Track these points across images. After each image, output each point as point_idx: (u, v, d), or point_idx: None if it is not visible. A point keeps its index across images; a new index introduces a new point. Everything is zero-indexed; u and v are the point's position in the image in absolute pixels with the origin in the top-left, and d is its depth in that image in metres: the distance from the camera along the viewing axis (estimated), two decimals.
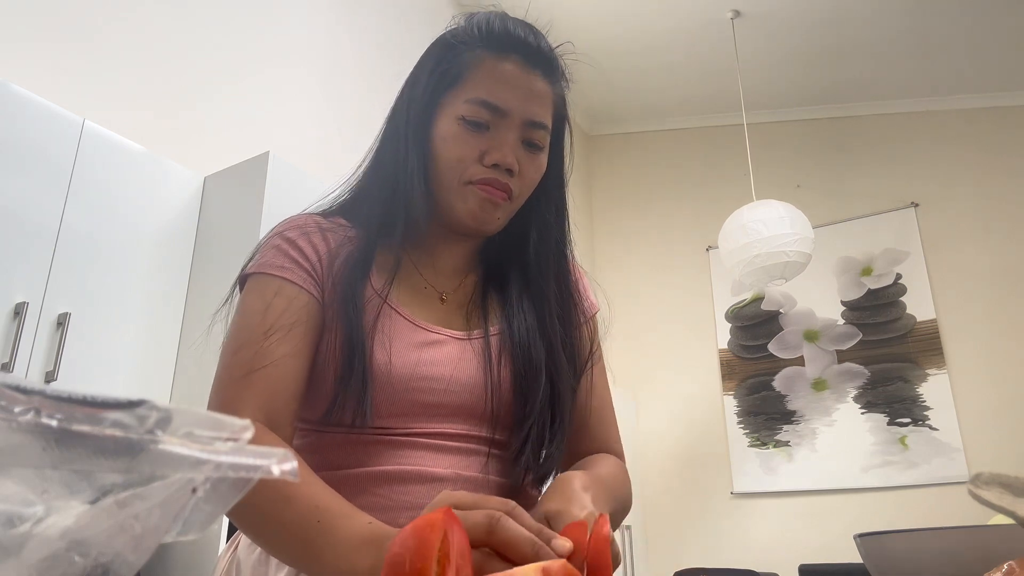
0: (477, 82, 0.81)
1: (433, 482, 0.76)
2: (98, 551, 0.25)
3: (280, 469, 0.28)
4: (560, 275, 0.90)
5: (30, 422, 0.22)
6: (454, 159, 0.81)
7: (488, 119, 0.80)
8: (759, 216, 3.23)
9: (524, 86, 0.81)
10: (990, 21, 3.70)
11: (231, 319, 0.80)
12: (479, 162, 0.81)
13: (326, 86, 3.12)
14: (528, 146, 0.83)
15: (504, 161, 0.80)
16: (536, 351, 0.84)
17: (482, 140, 0.81)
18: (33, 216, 1.79)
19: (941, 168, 4.14)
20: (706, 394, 4.41)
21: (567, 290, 0.90)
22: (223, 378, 0.74)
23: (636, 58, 4.40)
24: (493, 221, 0.83)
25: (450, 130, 0.81)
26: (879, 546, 0.66)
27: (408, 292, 0.85)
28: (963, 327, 3.85)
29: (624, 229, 5.00)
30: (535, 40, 0.84)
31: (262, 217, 2.13)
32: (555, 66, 0.86)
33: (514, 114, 0.81)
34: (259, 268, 0.80)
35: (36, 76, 2.06)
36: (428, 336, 0.81)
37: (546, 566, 0.43)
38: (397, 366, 0.77)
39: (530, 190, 0.86)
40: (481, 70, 0.81)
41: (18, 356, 1.70)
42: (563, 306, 0.89)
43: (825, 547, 3.60)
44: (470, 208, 0.82)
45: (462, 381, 0.80)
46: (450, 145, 0.81)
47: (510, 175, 0.81)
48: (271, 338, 0.74)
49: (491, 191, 0.81)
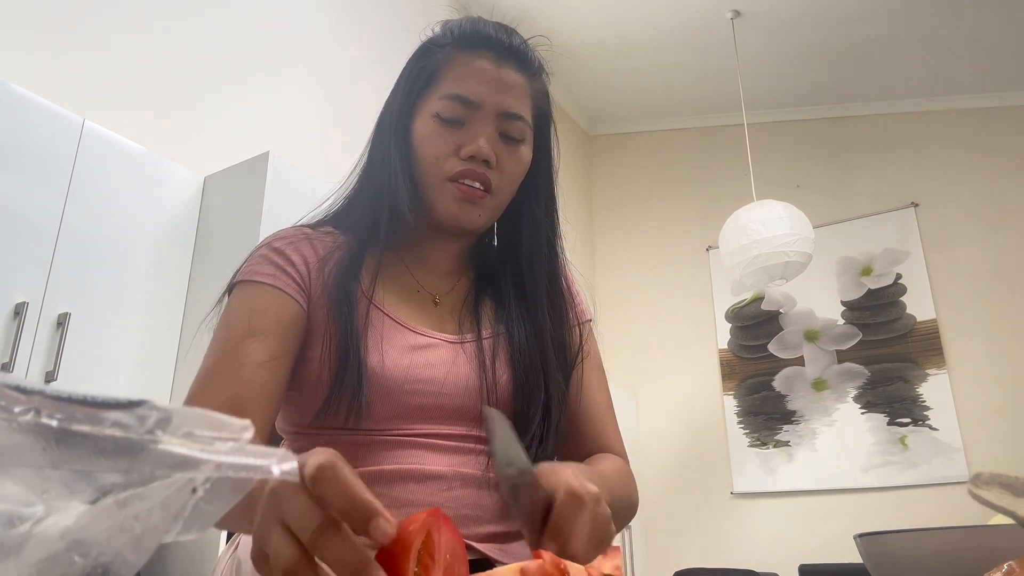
0: (450, 79, 0.83)
1: (432, 480, 0.76)
2: (98, 551, 0.25)
3: (280, 469, 0.28)
4: (551, 272, 0.90)
5: (30, 422, 0.22)
6: (432, 156, 0.82)
7: (462, 114, 0.82)
8: (759, 216, 3.23)
9: (496, 79, 0.82)
10: (990, 21, 3.70)
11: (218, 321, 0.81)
12: (456, 156, 0.81)
13: (326, 86, 3.12)
14: (506, 139, 0.83)
15: (479, 152, 0.80)
16: (533, 353, 0.84)
17: (458, 135, 0.82)
18: (33, 216, 1.79)
19: (941, 168, 4.14)
20: (706, 394, 4.41)
21: (558, 287, 0.91)
22: (196, 380, 0.75)
23: (636, 58, 4.40)
24: (474, 219, 0.83)
25: (427, 128, 0.83)
26: (879, 546, 0.66)
27: (401, 295, 0.86)
28: (963, 327, 3.85)
29: (624, 229, 5.00)
30: (506, 36, 0.85)
31: (262, 217, 2.13)
32: (529, 60, 0.86)
33: (487, 106, 0.81)
34: (246, 276, 0.81)
35: (36, 76, 2.06)
36: (420, 339, 0.82)
37: (524, 566, 0.43)
38: (389, 368, 0.78)
39: (513, 185, 0.86)
40: (454, 68, 0.83)
41: (18, 356, 1.70)
42: (554, 303, 0.89)
43: (825, 547, 3.60)
44: (449, 207, 0.82)
45: (456, 384, 0.80)
46: (428, 143, 0.82)
47: (488, 166, 0.81)
48: (248, 342, 0.75)
49: (467, 190, 0.81)
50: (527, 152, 0.86)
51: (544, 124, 0.90)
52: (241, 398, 0.73)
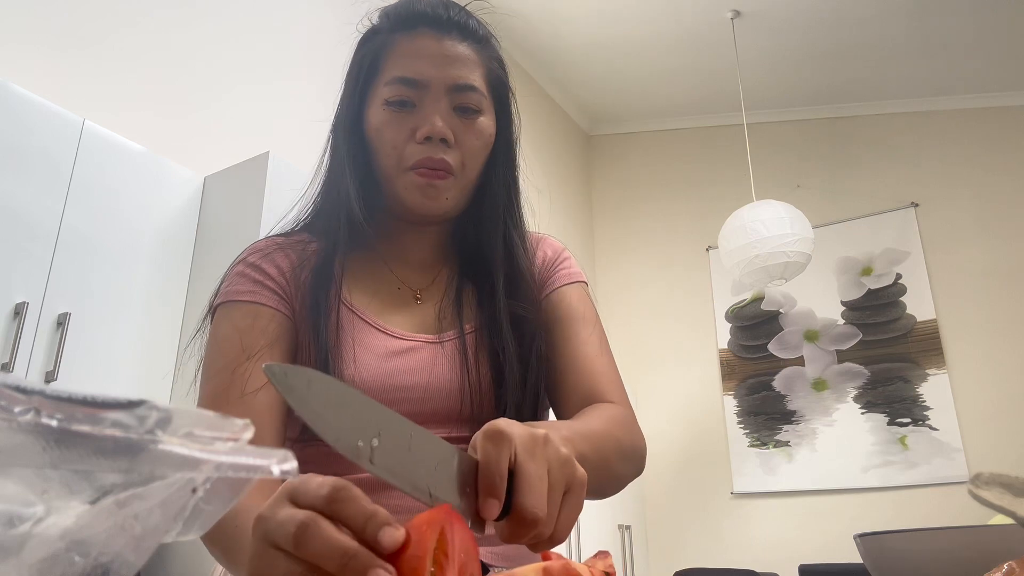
0: (393, 63, 0.80)
1: None
2: (98, 551, 0.25)
3: (280, 469, 0.28)
4: (510, 248, 0.85)
5: (30, 422, 0.22)
6: (388, 145, 0.80)
7: (411, 95, 0.79)
8: (759, 216, 3.23)
9: (438, 53, 0.79)
10: (990, 21, 3.70)
11: (204, 350, 0.80)
12: (412, 140, 0.79)
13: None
14: (461, 112, 0.80)
15: (435, 131, 0.77)
16: (506, 341, 0.81)
17: (410, 118, 0.79)
18: (33, 216, 1.79)
19: (941, 168, 4.14)
20: (706, 394, 4.41)
21: (516, 264, 0.85)
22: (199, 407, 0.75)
23: (636, 58, 4.40)
24: (442, 203, 0.81)
25: (378, 117, 0.80)
26: (879, 546, 0.66)
27: (380, 296, 0.84)
28: (963, 327, 3.85)
29: (624, 229, 5.00)
30: (443, 10, 0.82)
31: (262, 217, 2.13)
32: (470, 28, 0.83)
33: (434, 83, 0.79)
34: (227, 297, 0.80)
35: (36, 76, 2.06)
36: (400, 344, 0.80)
37: (547, 566, 0.42)
38: (366, 377, 0.76)
39: (477, 159, 0.82)
40: (395, 51, 0.81)
41: (18, 356, 1.70)
42: (512, 281, 0.84)
43: (825, 547, 3.60)
44: (413, 195, 0.80)
45: (438, 387, 0.79)
46: (382, 133, 0.80)
47: (446, 145, 0.79)
48: (246, 365, 0.74)
49: (427, 173, 0.79)
50: (487, 122, 0.82)
51: (501, 91, 0.86)
52: (252, 424, 0.72)
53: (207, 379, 0.76)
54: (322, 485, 0.39)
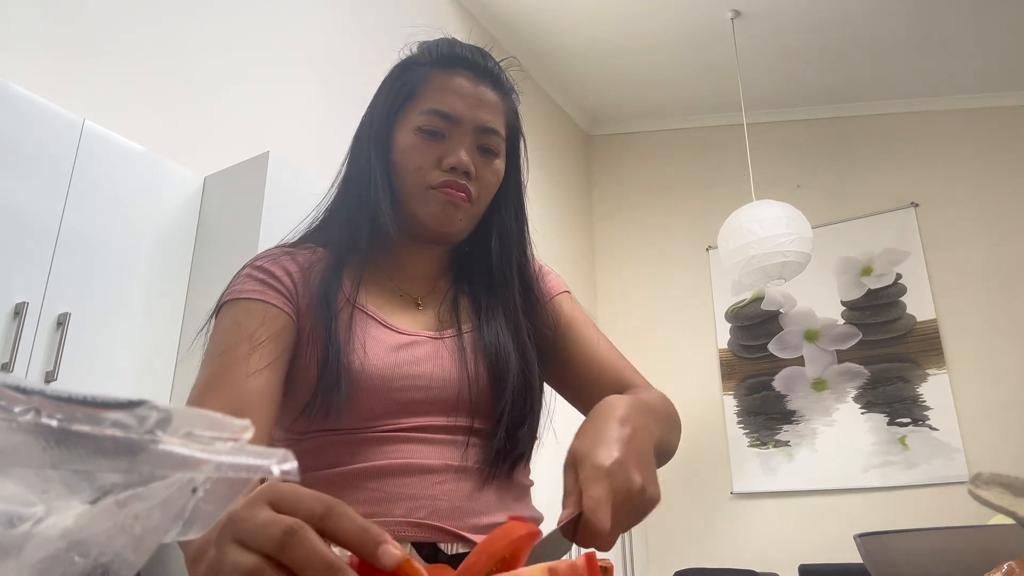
0: (430, 95, 0.88)
1: (423, 473, 0.79)
2: (98, 551, 0.25)
3: (280, 469, 0.28)
4: (523, 273, 0.96)
5: (30, 422, 0.22)
6: (414, 167, 0.87)
7: (443, 127, 0.87)
8: (756, 216, 3.23)
9: (473, 95, 0.88)
10: (990, 21, 3.70)
11: (207, 343, 0.83)
12: (437, 167, 0.86)
13: (326, 86, 3.12)
14: (483, 151, 0.89)
15: (460, 163, 0.85)
16: (506, 346, 0.88)
17: (439, 147, 0.87)
18: (33, 216, 1.79)
19: (941, 168, 4.14)
20: (706, 394, 4.41)
21: (529, 285, 0.96)
22: (194, 390, 0.78)
23: (636, 58, 4.40)
24: (456, 223, 0.88)
25: (409, 141, 0.88)
26: (879, 546, 0.67)
27: (384, 299, 0.90)
28: (963, 327, 3.85)
29: (624, 229, 5.01)
30: (482, 59, 0.91)
31: (262, 217, 2.13)
32: (502, 80, 0.93)
33: (466, 121, 0.87)
34: (233, 295, 0.84)
35: (36, 76, 2.06)
36: (404, 338, 0.86)
37: (552, 566, 0.42)
38: (377, 368, 0.81)
39: (489, 195, 0.91)
40: (433, 85, 0.89)
41: (18, 356, 1.70)
42: (527, 299, 0.95)
43: (825, 547, 3.60)
44: (432, 211, 0.87)
45: (442, 376, 0.85)
46: (410, 155, 0.87)
47: (468, 178, 0.87)
48: (243, 351, 0.77)
49: (451, 193, 0.86)
50: (501, 165, 0.92)
51: (515, 140, 0.96)
52: (241, 404, 0.75)
53: (206, 364, 0.79)
54: (318, 499, 0.40)
